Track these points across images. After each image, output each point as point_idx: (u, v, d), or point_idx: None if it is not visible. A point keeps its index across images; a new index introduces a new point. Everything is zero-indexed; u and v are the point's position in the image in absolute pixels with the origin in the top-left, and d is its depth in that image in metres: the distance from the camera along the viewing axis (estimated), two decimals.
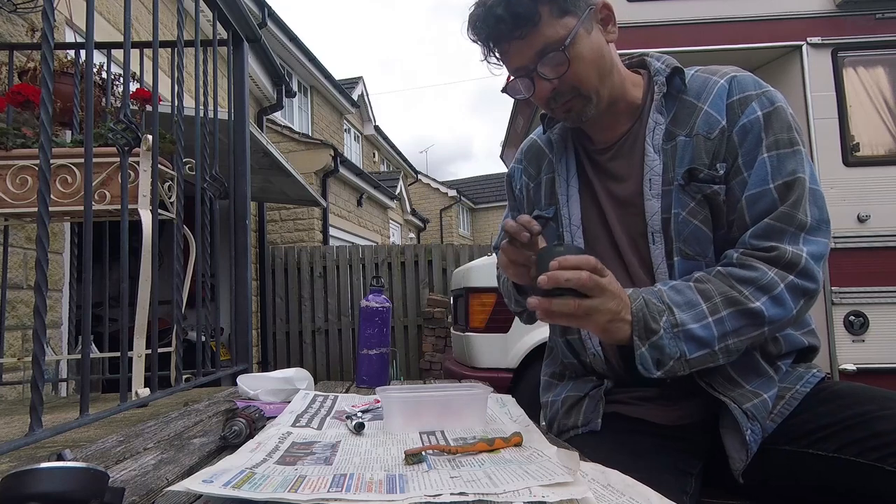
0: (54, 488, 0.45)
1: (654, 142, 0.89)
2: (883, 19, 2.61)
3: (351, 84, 12.38)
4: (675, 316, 0.76)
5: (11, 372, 2.10)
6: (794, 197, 0.80)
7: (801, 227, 0.79)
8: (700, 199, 0.85)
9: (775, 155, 0.82)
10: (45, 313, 0.88)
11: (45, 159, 0.91)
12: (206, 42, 1.77)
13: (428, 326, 5.91)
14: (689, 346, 0.76)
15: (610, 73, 0.89)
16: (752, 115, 0.84)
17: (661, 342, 0.76)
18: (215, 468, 0.63)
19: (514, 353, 2.84)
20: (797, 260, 0.77)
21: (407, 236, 13.89)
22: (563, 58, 0.84)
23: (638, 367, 0.77)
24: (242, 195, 2.00)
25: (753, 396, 0.82)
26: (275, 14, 6.79)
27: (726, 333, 0.77)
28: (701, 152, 0.85)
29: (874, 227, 2.51)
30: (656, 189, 0.87)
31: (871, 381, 2.42)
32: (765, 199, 0.81)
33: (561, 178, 1.00)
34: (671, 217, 0.86)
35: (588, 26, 0.86)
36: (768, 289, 0.77)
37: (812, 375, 0.87)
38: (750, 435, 0.81)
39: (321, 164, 7.37)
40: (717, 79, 0.89)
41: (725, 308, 0.77)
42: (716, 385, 0.84)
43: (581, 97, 0.88)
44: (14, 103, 1.58)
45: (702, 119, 0.86)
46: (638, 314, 0.76)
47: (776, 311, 0.77)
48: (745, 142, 0.84)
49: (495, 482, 0.58)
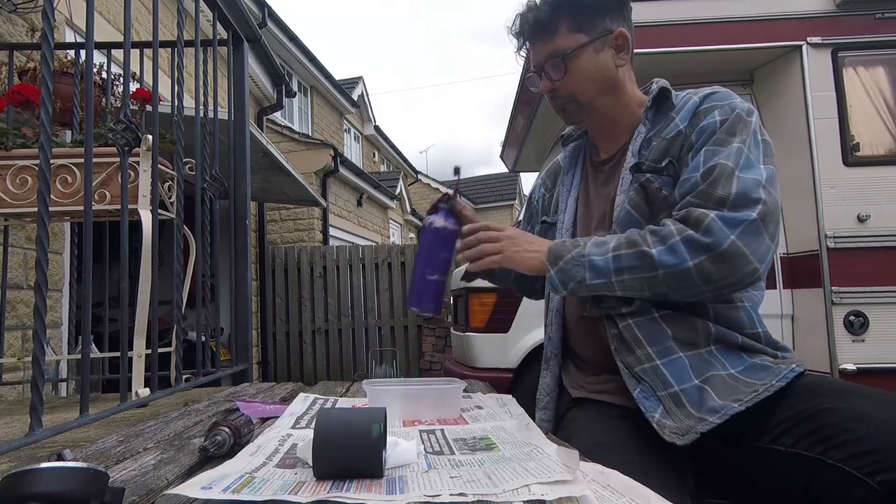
0: (54, 488, 0.45)
1: (633, 148, 1.01)
2: (883, 19, 2.60)
3: (351, 84, 12.37)
4: (585, 249, 0.92)
5: (11, 372, 2.10)
6: (711, 178, 0.88)
7: (719, 202, 0.85)
8: (637, 188, 0.97)
9: (712, 149, 0.91)
10: (45, 313, 0.88)
11: (45, 159, 0.91)
12: (206, 42, 1.77)
13: (428, 326, 5.91)
14: (590, 273, 0.90)
15: (609, 91, 1.03)
16: (712, 119, 0.94)
17: (566, 266, 0.92)
18: (214, 473, 0.62)
19: (514, 353, 2.84)
20: (702, 218, 0.85)
21: (407, 236, 13.89)
22: (561, 65, 1.01)
23: (549, 286, 0.94)
24: (242, 195, 2.00)
25: (645, 361, 0.90)
26: (275, 14, 6.79)
27: (622, 269, 0.89)
28: (656, 151, 0.98)
29: (874, 227, 2.50)
30: (625, 185, 1.00)
31: (871, 381, 2.42)
32: (690, 181, 0.91)
33: (565, 188, 1.16)
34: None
35: (598, 47, 1.01)
36: (665, 239, 0.87)
37: (790, 370, 0.86)
38: (639, 393, 0.89)
39: (321, 164, 7.37)
40: (694, 96, 1.00)
41: (626, 248, 0.89)
42: (620, 352, 0.94)
43: (576, 103, 1.04)
44: (14, 103, 1.58)
45: (670, 127, 0.99)
46: (552, 248, 0.95)
47: (668, 257, 0.86)
48: (699, 140, 0.94)
49: (495, 482, 0.58)
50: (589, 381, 1.05)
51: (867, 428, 0.72)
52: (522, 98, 3.50)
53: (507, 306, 2.85)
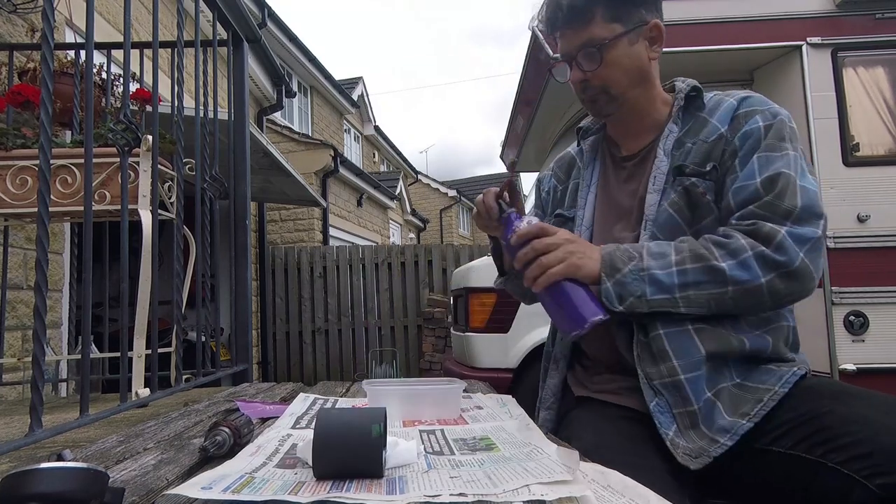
0: (54, 488, 0.45)
1: (664, 146, 0.98)
2: (883, 19, 2.61)
3: (351, 84, 12.37)
4: (644, 262, 0.87)
5: (11, 372, 2.10)
6: (777, 189, 0.86)
7: (785, 215, 0.84)
8: (680, 191, 0.94)
9: (765, 156, 0.89)
10: (45, 313, 0.88)
11: (45, 159, 0.91)
12: (206, 42, 1.77)
13: (428, 326, 5.91)
14: (651, 288, 0.85)
15: (641, 84, 1.00)
16: (755, 124, 0.92)
17: (624, 279, 0.86)
18: (214, 473, 0.62)
19: (514, 353, 2.84)
20: (773, 234, 0.83)
21: (407, 236, 13.89)
22: (597, 56, 0.96)
23: (603, 301, 0.87)
24: (242, 195, 2.00)
25: (667, 374, 0.86)
26: (275, 14, 6.79)
27: (687, 284, 0.84)
28: (697, 154, 0.95)
29: (874, 227, 2.50)
30: (658, 185, 0.96)
31: (871, 381, 2.42)
32: (748, 189, 0.88)
33: (584, 183, 1.12)
34: (659, 207, 0.95)
35: (633, 38, 0.97)
36: (736, 253, 0.83)
37: (791, 374, 0.86)
38: (655, 406, 0.86)
39: (321, 164, 7.37)
40: (729, 98, 0.98)
41: (692, 262, 0.85)
42: (642, 360, 0.90)
43: (607, 95, 1.00)
44: (14, 103, 1.58)
45: (707, 129, 0.96)
46: (605, 256, 0.88)
47: (739, 273, 0.82)
48: (744, 145, 0.91)
49: (495, 482, 0.58)
50: (594, 380, 1.04)
51: (867, 431, 0.72)
52: (522, 98, 3.50)
53: (507, 306, 2.85)
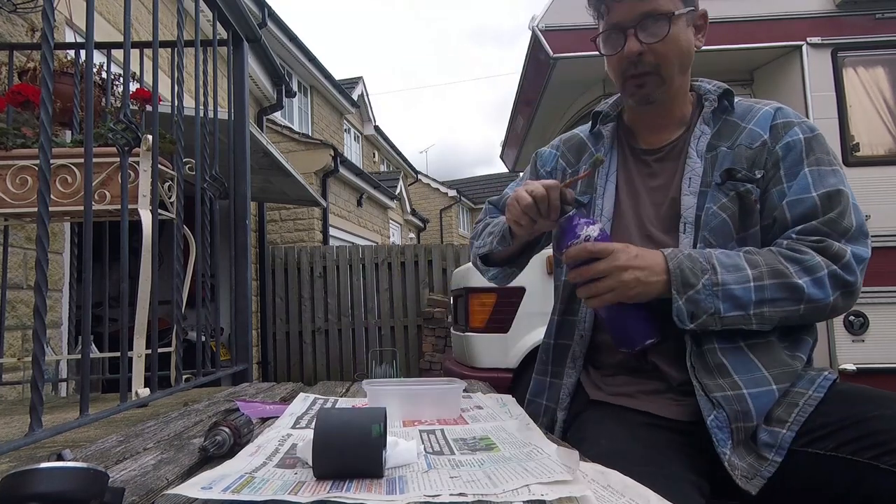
0: (54, 488, 0.45)
1: (697, 148, 0.97)
2: (883, 19, 2.61)
3: (351, 84, 12.37)
4: (718, 276, 0.83)
5: (11, 372, 2.10)
6: (839, 207, 0.87)
7: (844, 233, 0.86)
8: (732, 196, 0.92)
9: (816, 171, 0.90)
10: (45, 313, 0.88)
11: (45, 159, 0.91)
12: (206, 42, 1.77)
13: (428, 326, 5.91)
14: (726, 304, 0.83)
15: (687, 70, 0.98)
16: (796, 136, 0.93)
17: (698, 297, 0.83)
18: (214, 473, 0.62)
19: (514, 353, 2.84)
20: (843, 253, 0.84)
21: (407, 236, 13.89)
22: (665, 27, 0.91)
23: (674, 318, 0.84)
24: (242, 195, 2.00)
25: (728, 388, 0.84)
26: (275, 14, 6.79)
27: (764, 300, 0.83)
28: (741, 158, 0.93)
29: (874, 227, 2.49)
30: (694, 187, 0.95)
31: (871, 382, 2.42)
32: (806, 203, 0.88)
33: (602, 171, 1.06)
34: (703, 212, 0.93)
35: (689, 19, 0.96)
36: (812, 270, 0.83)
37: (824, 379, 0.86)
38: (712, 421, 0.83)
39: (321, 164, 7.37)
40: (763, 106, 0.98)
41: (769, 278, 0.83)
42: (697, 371, 0.87)
43: (657, 76, 0.95)
44: (14, 103, 1.58)
45: (745, 134, 0.95)
46: (675, 271, 0.84)
47: (815, 291, 0.82)
48: (787, 156, 0.92)
49: (495, 482, 0.58)
50: (607, 382, 1.00)
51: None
52: (522, 98, 3.50)
53: (507, 306, 2.85)
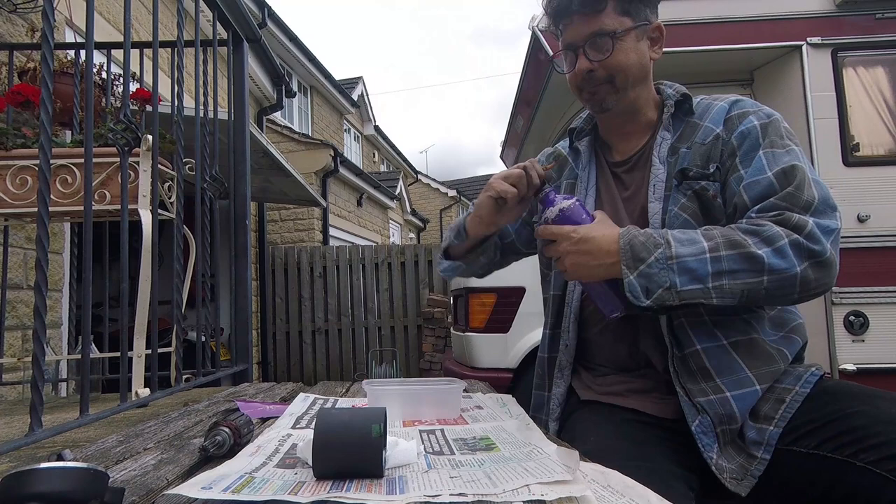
0: (54, 488, 0.45)
1: (660, 154, 0.99)
2: (883, 19, 2.61)
3: (351, 84, 12.37)
4: (672, 249, 0.81)
5: (11, 372, 2.10)
6: (795, 181, 0.85)
7: (806, 207, 0.83)
8: (690, 195, 0.93)
9: (771, 152, 0.89)
10: (45, 313, 0.88)
11: (45, 159, 0.91)
12: (206, 42, 1.77)
13: (428, 326, 5.91)
14: (682, 278, 0.80)
15: (641, 81, 1.01)
16: (750, 124, 0.93)
17: (650, 270, 0.81)
18: (214, 473, 0.62)
19: (514, 353, 2.84)
20: (803, 224, 0.80)
21: (407, 236, 13.89)
22: (609, 45, 0.96)
23: (628, 296, 0.83)
24: (242, 195, 2.00)
25: (712, 392, 0.85)
26: (275, 14, 6.79)
27: (721, 272, 0.80)
28: (696, 156, 0.95)
29: (874, 227, 2.51)
30: (659, 193, 0.96)
31: (871, 382, 2.42)
32: (762, 183, 0.87)
33: (581, 185, 1.10)
34: (667, 215, 0.95)
35: (639, 34, 0.99)
36: (772, 241, 0.80)
37: (811, 374, 0.87)
38: (697, 427, 0.84)
39: (321, 164, 7.37)
40: (719, 102, 0.99)
41: (726, 249, 0.80)
42: (681, 376, 0.88)
43: (610, 86, 0.99)
44: (14, 103, 1.58)
45: (700, 132, 0.97)
46: (625, 247, 0.83)
47: (777, 261, 0.79)
48: (743, 144, 0.92)
49: (495, 482, 0.58)
50: (598, 382, 1.03)
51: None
52: (522, 98, 3.50)
53: (507, 306, 2.85)
